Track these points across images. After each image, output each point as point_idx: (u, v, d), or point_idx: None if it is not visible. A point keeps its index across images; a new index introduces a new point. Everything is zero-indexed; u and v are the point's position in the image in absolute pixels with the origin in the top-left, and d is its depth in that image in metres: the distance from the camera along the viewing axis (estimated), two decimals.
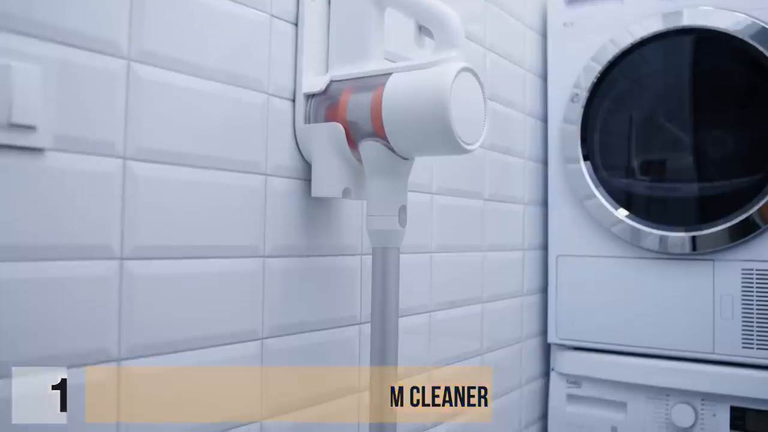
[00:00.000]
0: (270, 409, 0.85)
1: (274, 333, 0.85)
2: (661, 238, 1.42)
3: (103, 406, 0.66)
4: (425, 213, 1.15)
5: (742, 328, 1.34)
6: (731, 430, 1.35)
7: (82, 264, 0.65)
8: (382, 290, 0.82)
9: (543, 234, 1.60)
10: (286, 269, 0.87)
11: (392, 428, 0.84)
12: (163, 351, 0.72)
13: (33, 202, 0.61)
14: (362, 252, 0.99)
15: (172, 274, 0.73)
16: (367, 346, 1.00)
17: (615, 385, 1.48)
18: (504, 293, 1.41)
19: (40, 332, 0.61)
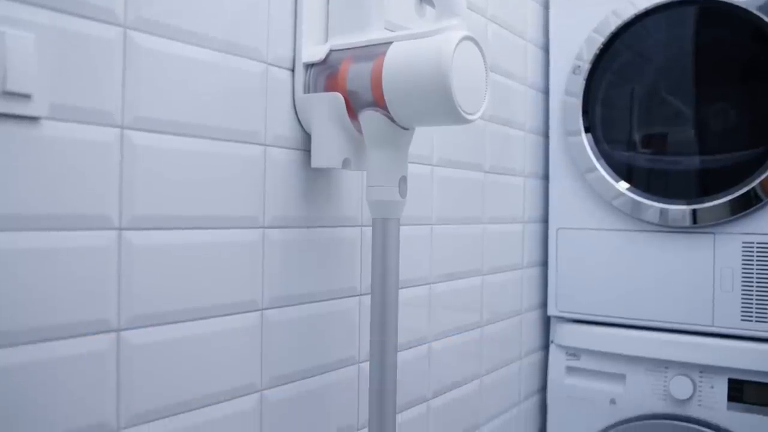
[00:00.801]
0: (270, 380, 0.85)
1: (274, 304, 0.85)
2: (661, 211, 1.42)
3: (103, 376, 0.66)
4: (425, 185, 1.14)
5: (742, 301, 1.35)
6: (728, 402, 1.36)
7: (80, 234, 0.64)
8: (382, 261, 0.82)
9: (543, 207, 1.60)
10: (286, 240, 0.87)
11: (392, 400, 0.84)
12: (162, 321, 0.72)
13: (29, 171, 0.60)
14: (362, 223, 0.99)
15: (171, 244, 0.72)
16: (367, 318, 1.00)
17: (614, 357, 1.49)
18: (504, 266, 1.41)
19: (38, 302, 0.61)
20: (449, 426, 1.23)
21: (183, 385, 0.74)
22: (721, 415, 1.37)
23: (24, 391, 0.60)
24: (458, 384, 1.25)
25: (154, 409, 0.71)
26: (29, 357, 0.61)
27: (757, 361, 1.33)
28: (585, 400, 1.52)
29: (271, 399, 0.85)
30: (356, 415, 0.99)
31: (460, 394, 1.26)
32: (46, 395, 0.62)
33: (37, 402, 0.61)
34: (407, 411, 1.11)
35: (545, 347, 1.63)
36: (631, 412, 1.47)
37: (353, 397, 0.99)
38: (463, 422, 1.27)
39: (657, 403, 1.44)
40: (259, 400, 0.84)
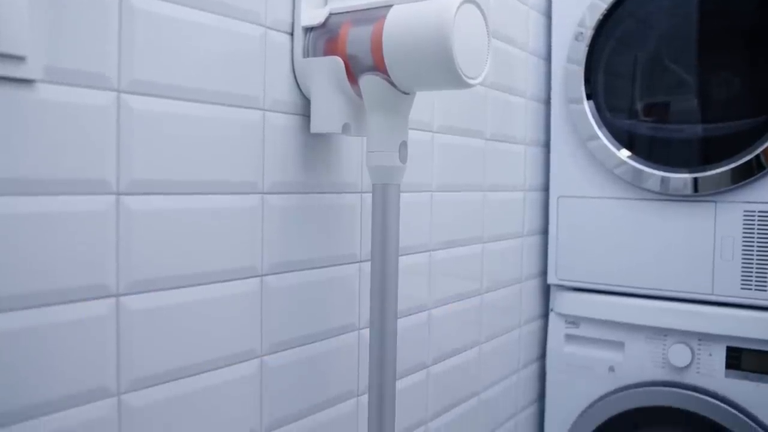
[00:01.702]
0: (270, 346, 0.85)
1: (274, 270, 0.85)
2: (662, 179, 1.41)
3: (103, 341, 0.66)
4: (426, 151, 1.13)
5: (742, 269, 1.35)
6: (726, 369, 1.37)
7: (78, 199, 0.64)
8: (382, 227, 0.82)
9: (544, 175, 1.59)
10: (286, 206, 0.86)
11: (392, 366, 0.84)
12: (162, 287, 0.72)
13: (24, 135, 0.59)
14: (362, 190, 0.99)
15: (170, 209, 0.72)
16: (367, 285, 1.00)
17: (613, 325, 1.49)
18: (504, 234, 1.40)
19: (37, 267, 0.61)
20: (449, 392, 1.24)
21: (183, 351, 0.74)
22: (719, 382, 1.37)
23: (24, 355, 0.60)
24: (458, 351, 1.25)
25: (155, 374, 0.71)
26: (29, 322, 0.60)
27: (755, 329, 1.33)
28: (584, 367, 1.53)
29: (271, 365, 0.85)
30: (356, 382, 1.00)
31: (460, 361, 1.26)
32: (46, 360, 0.62)
33: (38, 367, 0.61)
34: (407, 377, 1.12)
35: (545, 315, 1.63)
36: (630, 379, 1.48)
37: (353, 364, 0.99)
38: (462, 389, 1.28)
39: (655, 370, 1.45)
40: (260, 366, 0.84)
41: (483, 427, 1.36)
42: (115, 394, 0.68)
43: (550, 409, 1.58)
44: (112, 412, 0.68)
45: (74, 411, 0.64)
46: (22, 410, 0.60)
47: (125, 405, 0.69)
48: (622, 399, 1.46)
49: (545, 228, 1.61)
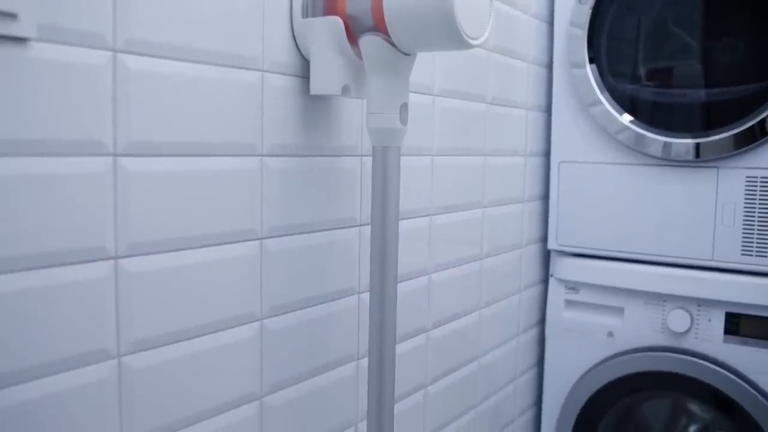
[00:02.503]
0: (270, 309, 0.85)
1: (273, 233, 0.84)
2: (665, 144, 1.40)
3: (101, 303, 0.66)
4: (427, 115, 1.12)
5: (743, 235, 1.34)
6: (725, 335, 1.37)
7: (74, 160, 0.63)
8: (382, 190, 0.81)
9: (545, 140, 1.58)
10: (285, 169, 0.85)
11: (392, 330, 0.84)
12: (160, 249, 0.71)
13: (19, 96, 0.58)
14: (362, 153, 0.98)
15: (168, 171, 0.71)
16: (367, 249, 1.00)
17: (613, 291, 1.49)
18: (505, 199, 1.40)
19: (34, 229, 0.60)
20: (448, 357, 1.24)
21: (183, 314, 0.74)
22: (717, 347, 1.38)
23: (24, 317, 0.60)
24: (458, 316, 1.26)
25: (154, 337, 0.71)
26: (27, 284, 0.60)
27: (755, 294, 1.33)
28: (583, 332, 1.54)
29: (271, 328, 0.85)
30: (356, 345, 1.00)
31: (460, 326, 1.27)
32: (46, 322, 0.62)
33: (38, 328, 0.61)
34: (407, 341, 1.12)
35: (545, 281, 1.63)
36: (629, 344, 1.48)
37: (353, 328, 0.99)
38: (462, 353, 1.28)
39: (654, 336, 1.45)
40: (260, 329, 0.84)
41: (482, 391, 1.37)
42: (116, 356, 0.68)
43: (549, 374, 1.59)
44: (112, 374, 0.68)
45: (75, 373, 0.64)
46: (22, 372, 0.60)
47: (125, 367, 0.69)
48: (621, 364, 1.47)
49: (546, 193, 1.60)
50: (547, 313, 1.59)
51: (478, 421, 1.36)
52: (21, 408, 0.60)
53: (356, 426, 1.02)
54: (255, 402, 0.84)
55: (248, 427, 0.83)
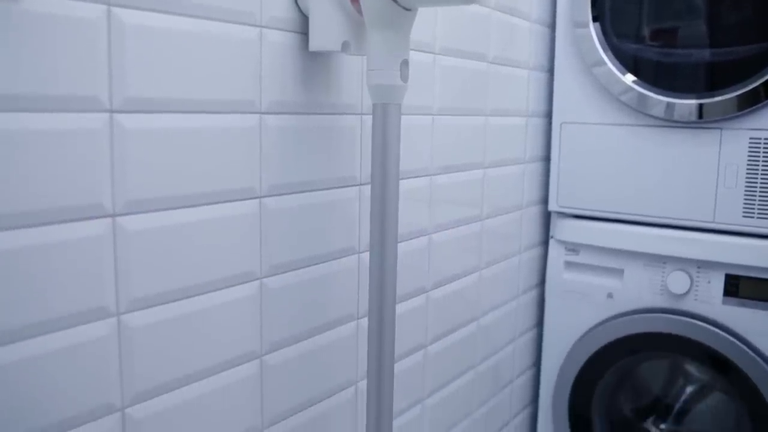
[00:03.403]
0: (270, 268, 0.85)
1: (273, 192, 0.84)
2: (668, 105, 1.39)
3: (99, 261, 0.66)
4: (428, 73, 1.11)
5: (744, 197, 1.34)
6: (724, 297, 1.37)
7: (69, 117, 0.62)
8: (382, 148, 0.80)
9: (547, 100, 1.57)
10: (284, 126, 0.84)
11: (392, 289, 0.84)
12: (158, 207, 0.70)
13: (11, 50, 0.57)
14: (362, 111, 0.96)
15: (166, 128, 0.70)
16: (367, 208, 0.99)
17: (613, 252, 1.49)
18: (506, 159, 1.39)
19: (29, 187, 0.59)
20: (448, 317, 1.24)
21: (182, 272, 0.74)
22: (716, 309, 1.38)
23: (21, 275, 0.59)
24: (458, 276, 1.26)
25: (154, 295, 0.71)
26: (24, 241, 0.59)
27: (755, 256, 1.33)
28: (582, 294, 1.54)
29: (270, 287, 0.85)
30: (356, 305, 1.00)
31: (460, 287, 1.27)
32: (43, 280, 0.61)
33: (35, 286, 0.61)
34: (407, 302, 1.12)
35: (545, 242, 1.63)
36: (628, 306, 1.49)
37: (353, 287, 0.99)
38: (462, 314, 1.29)
39: (653, 297, 1.45)
40: (259, 288, 0.84)
41: (482, 351, 1.38)
42: (115, 314, 0.68)
43: (549, 335, 1.60)
44: (112, 332, 0.67)
45: (74, 331, 0.64)
46: (21, 329, 0.60)
47: (124, 325, 0.69)
48: (620, 325, 1.47)
49: (547, 155, 1.59)
50: (547, 275, 1.59)
51: (477, 381, 1.37)
52: (20, 366, 0.60)
53: (356, 385, 1.02)
54: (255, 361, 0.84)
55: (248, 385, 0.84)
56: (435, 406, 1.24)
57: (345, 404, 1.00)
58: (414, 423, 1.18)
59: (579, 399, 1.54)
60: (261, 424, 0.86)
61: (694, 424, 1.58)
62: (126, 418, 0.70)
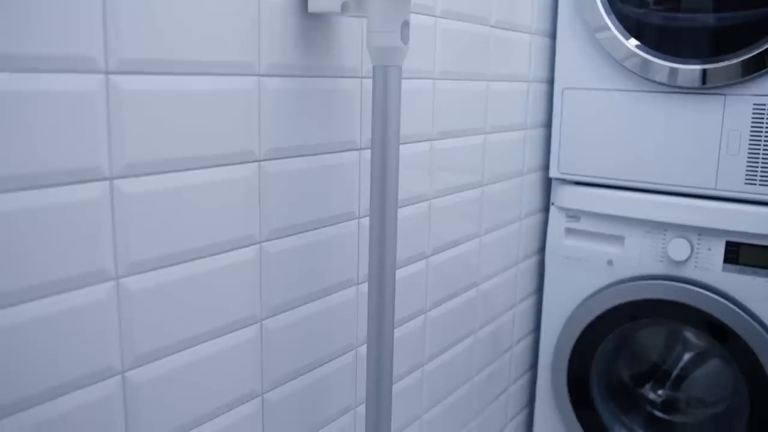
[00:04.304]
0: (269, 232, 0.84)
1: (271, 156, 0.83)
2: (671, 70, 1.37)
3: (97, 225, 0.65)
4: (428, 37, 1.09)
5: (747, 164, 1.33)
6: (724, 264, 1.37)
7: (64, 77, 0.61)
8: (383, 110, 0.79)
9: (549, 66, 1.55)
10: (283, 89, 0.83)
11: (392, 254, 0.84)
12: (156, 170, 0.70)
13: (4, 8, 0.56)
14: (362, 75, 0.95)
15: (163, 90, 0.69)
16: (367, 173, 0.98)
17: (614, 219, 1.49)
18: (507, 125, 1.38)
19: (24, 148, 0.59)
20: (448, 283, 1.24)
21: (180, 236, 0.73)
22: (716, 276, 1.38)
23: (18, 238, 0.59)
24: (458, 242, 1.25)
25: (152, 258, 0.71)
26: (20, 204, 0.59)
27: (756, 223, 1.33)
28: (582, 260, 1.54)
29: (270, 251, 0.85)
30: (356, 270, 1.00)
31: (460, 252, 1.26)
32: (41, 243, 0.61)
33: (33, 250, 0.60)
34: (407, 267, 1.12)
35: (545, 209, 1.63)
36: (628, 272, 1.49)
37: (353, 252, 0.99)
38: (461, 280, 1.29)
39: (654, 264, 1.45)
40: (258, 252, 0.83)
41: (481, 317, 1.38)
42: (114, 277, 0.67)
43: (548, 301, 1.60)
44: (110, 295, 0.67)
45: (72, 294, 0.64)
46: (20, 291, 0.60)
47: (123, 288, 0.68)
48: (620, 292, 1.48)
49: (549, 121, 1.58)
50: (547, 241, 1.58)
51: (477, 346, 1.38)
52: (19, 329, 0.60)
53: (356, 350, 1.03)
54: (255, 325, 0.84)
55: (248, 349, 0.84)
56: (434, 371, 1.24)
57: (345, 369, 1.01)
58: (413, 388, 1.19)
59: (578, 365, 1.55)
60: (261, 388, 0.87)
61: (691, 391, 1.59)
62: (126, 381, 0.70)
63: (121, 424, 0.70)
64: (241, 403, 0.84)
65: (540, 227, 1.61)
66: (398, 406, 1.15)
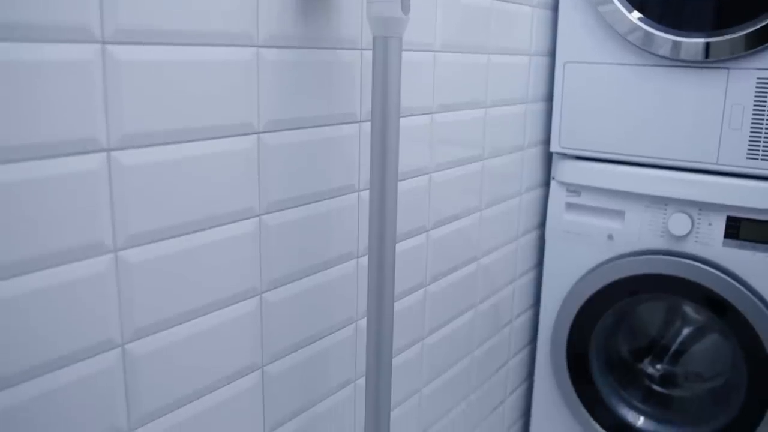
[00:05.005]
0: (268, 204, 0.84)
1: (270, 127, 0.82)
2: (674, 43, 1.36)
3: (95, 197, 0.65)
4: (429, 8, 1.08)
5: (750, 138, 1.32)
6: (725, 239, 1.37)
7: (60, 47, 0.60)
8: (383, 81, 0.78)
9: (551, 39, 1.53)
10: (282, 61, 0.82)
11: (392, 228, 0.83)
12: (154, 142, 0.69)
13: None
14: (362, 47, 0.94)
15: (160, 60, 0.68)
16: (367, 146, 0.98)
17: (615, 194, 1.48)
18: (508, 99, 1.37)
19: (19, 119, 0.58)
20: (448, 257, 1.24)
21: (179, 208, 0.73)
22: (716, 251, 1.38)
23: (15, 209, 0.59)
24: (458, 216, 1.25)
25: (151, 231, 0.70)
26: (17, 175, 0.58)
27: (757, 198, 1.32)
28: (583, 235, 1.54)
29: (269, 223, 0.84)
30: (356, 243, 1.00)
31: (460, 227, 1.26)
32: (37, 215, 0.60)
33: (29, 222, 0.60)
34: (407, 240, 1.11)
35: (546, 184, 1.62)
36: (628, 247, 1.49)
37: (353, 225, 0.98)
38: (461, 254, 1.28)
39: (654, 239, 1.45)
40: (258, 225, 0.83)
41: (481, 291, 1.38)
42: (112, 250, 0.67)
43: (548, 276, 1.60)
44: (109, 267, 0.67)
45: (71, 266, 0.64)
46: (18, 264, 0.59)
47: (122, 261, 0.68)
48: (620, 266, 1.48)
49: (550, 95, 1.57)
50: (548, 216, 1.58)
51: (477, 320, 1.38)
52: (18, 302, 0.60)
53: (356, 323, 1.03)
54: (254, 297, 0.84)
55: (248, 322, 0.84)
56: (434, 345, 1.24)
57: (344, 342, 1.01)
58: (413, 361, 1.19)
59: (577, 339, 1.55)
60: (261, 361, 0.87)
61: (689, 365, 1.60)
62: (126, 353, 0.70)
63: (122, 396, 0.70)
64: (241, 376, 0.84)
65: (540, 202, 1.60)
66: (398, 379, 1.16)
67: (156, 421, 0.74)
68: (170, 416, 0.76)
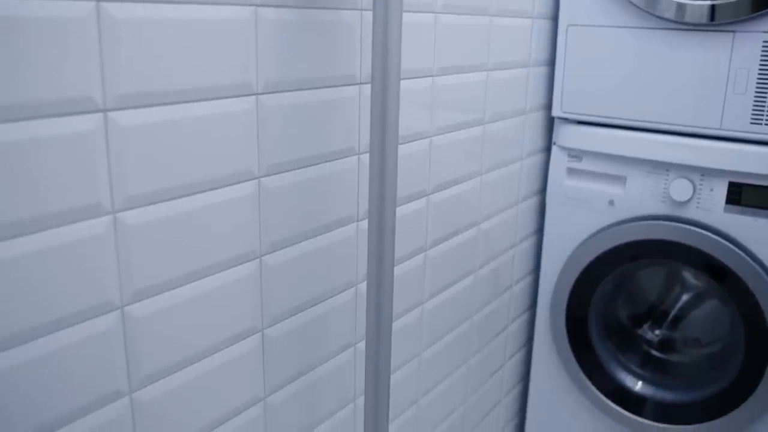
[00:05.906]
0: (268, 168, 0.83)
1: (269, 89, 0.81)
2: (678, 5, 1.33)
3: (92, 157, 0.64)
4: None
5: (754, 103, 1.31)
6: (726, 205, 1.37)
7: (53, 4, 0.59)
8: (383, 43, 0.77)
9: (554, 2, 1.51)
10: (281, 20, 0.81)
11: (392, 191, 0.83)
12: (152, 102, 0.68)
13: None
14: (363, 7, 0.92)
15: (156, 19, 0.67)
16: (367, 108, 0.97)
17: (616, 159, 1.47)
18: (510, 62, 1.35)
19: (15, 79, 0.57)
20: (448, 221, 1.24)
21: (177, 170, 0.72)
22: (717, 217, 1.38)
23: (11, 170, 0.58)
24: (458, 181, 1.24)
25: (149, 192, 0.70)
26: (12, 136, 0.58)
27: (760, 164, 1.31)
28: (583, 201, 1.53)
29: (268, 186, 0.84)
30: (356, 207, 0.99)
31: (461, 191, 1.25)
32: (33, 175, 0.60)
33: (25, 182, 0.59)
34: (407, 205, 1.11)
35: (547, 149, 1.61)
36: (629, 213, 1.48)
37: (353, 189, 0.98)
38: (462, 218, 1.28)
39: (655, 205, 1.44)
40: (257, 187, 0.82)
41: (481, 256, 1.38)
42: (110, 211, 0.66)
43: (549, 241, 1.60)
44: (108, 229, 0.66)
45: (69, 228, 0.63)
46: (17, 224, 0.59)
47: (120, 222, 0.67)
48: (621, 232, 1.47)
49: (552, 59, 1.55)
50: (549, 181, 1.57)
51: (477, 285, 1.38)
52: (14, 263, 0.59)
53: (356, 287, 1.03)
54: (254, 261, 0.84)
55: (248, 285, 0.84)
56: (434, 309, 1.25)
57: (344, 306, 1.01)
58: (413, 326, 1.19)
59: (577, 304, 1.55)
60: (261, 324, 0.87)
61: (688, 331, 1.60)
62: (125, 315, 0.70)
63: (122, 358, 0.70)
64: (241, 339, 0.84)
65: (541, 167, 1.59)
66: (398, 343, 1.16)
67: (156, 383, 0.74)
68: (170, 378, 0.76)
